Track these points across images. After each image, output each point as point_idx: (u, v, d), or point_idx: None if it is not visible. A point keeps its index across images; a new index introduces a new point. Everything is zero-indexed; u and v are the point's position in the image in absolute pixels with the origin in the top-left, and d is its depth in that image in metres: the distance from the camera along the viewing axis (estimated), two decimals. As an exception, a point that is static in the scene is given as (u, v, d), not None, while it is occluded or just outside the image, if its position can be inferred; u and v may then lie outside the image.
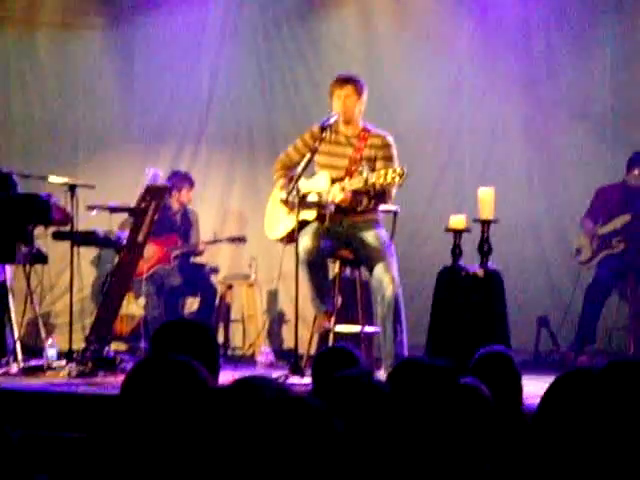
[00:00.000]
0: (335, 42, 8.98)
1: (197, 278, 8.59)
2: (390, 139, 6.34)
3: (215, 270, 8.85)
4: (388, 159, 6.26)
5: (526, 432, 2.88)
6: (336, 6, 9.04)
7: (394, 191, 6.21)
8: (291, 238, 6.26)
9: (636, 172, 7.95)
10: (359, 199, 6.17)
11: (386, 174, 5.95)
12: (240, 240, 8.56)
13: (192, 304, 8.69)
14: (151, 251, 8.10)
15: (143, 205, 6.56)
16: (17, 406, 5.25)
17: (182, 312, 8.45)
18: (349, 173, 6.24)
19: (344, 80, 6.35)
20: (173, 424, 2.26)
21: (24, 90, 9.19)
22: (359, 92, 6.33)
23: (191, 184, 8.62)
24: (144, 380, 2.34)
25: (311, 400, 1.88)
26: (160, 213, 7.22)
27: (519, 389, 3.64)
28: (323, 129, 6.24)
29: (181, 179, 8.60)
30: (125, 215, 7.43)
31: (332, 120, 6.27)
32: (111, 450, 2.27)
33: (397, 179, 5.93)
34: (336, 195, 6.13)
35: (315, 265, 6.20)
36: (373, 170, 6.09)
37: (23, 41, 9.16)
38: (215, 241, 8.71)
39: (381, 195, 6.19)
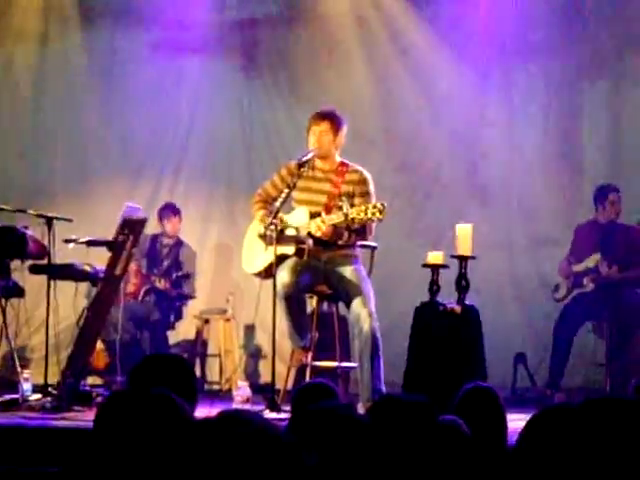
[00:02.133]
0: (317, 80, 9.04)
1: (173, 312, 8.55)
2: (367, 175, 6.36)
3: (191, 298, 8.75)
4: (366, 194, 6.28)
5: (506, 467, 2.88)
6: (315, 46, 9.10)
7: (373, 227, 6.23)
8: (269, 273, 6.26)
9: (600, 208, 8.01)
10: (340, 233, 6.18)
11: (366, 209, 5.96)
12: (186, 277, 8.49)
13: (170, 338, 8.65)
14: (129, 286, 8.08)
15: (120, 238, 6.54)
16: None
17: (160, 346, 8.41)
18: (328, 209, 6.24)
19: (321, 116, 6.36)
20: (147, 456, 2.25)
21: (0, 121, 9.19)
22: (336, 128, 6.33)
23: (174, 213, 8.63)
24: (117, 412, 2.34)
25: (284, 435, 1.87)
26: (149, 246, 7.23)
27: (504, 426, 3.64)
28: (300, 165, 6.25)
29: (167, 209, 8.62)
30: (103, 248, 7.40)
31: (309, 156, 6.28)
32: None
33: (377, 214, 5.94)
34: (317, 228, 6.12)
35: (293, 300, 6.19)
36: (352, 205, 6.10)
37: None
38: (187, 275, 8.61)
39: (361, 231, 6.21)
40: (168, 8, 9.06)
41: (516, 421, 3.80)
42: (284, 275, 6.15)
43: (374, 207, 5.97)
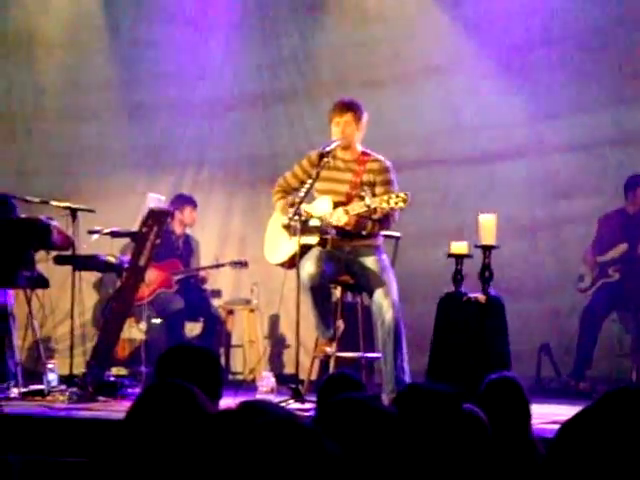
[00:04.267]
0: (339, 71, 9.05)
1: (199, 303, 8.58)
2: (388, 163, 6.34)
3: (217, 294, 8.85)
4: (387, 183, 6.26)
5: (538, 460, 2.88)
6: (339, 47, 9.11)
7: (396, 216, 6.20)
8: (293, 263, 6.25)
9: (630, 198, 7.97)
10: (363, 223, 6.16)
11: (389, 199, 5.95)
12: (242, 264, 8.54)
13: (194, 329, 8.68)
14: (153, 275, 8.09)
15: (144, 229, 6.56)
16: (17, 431, 5.23)
17: (184, 337, 8.44)
18: (349, 198, 6.23)
19: (343, 107, 6.33)
20: (175, 450, 2.25)
21: (24, 109, 9.23)
22: (358, 118, 6.32)
23: (194, 205, 8.65)
24: (149, 406, 2.34)
25: (306, 425, 1.87)
26: (163, 238, 7.22)
27: (528, 415, 3.63)
28: (322, 156, 6.24)
29: (183, 200, 8.64)
30: (127, 239, 7.43)
31: (332, 147, 6.27)
32: (114, 476, 2.26)
33: (400, 204, 5.93)
34: (340, 218, 6.11)
35: (319, 290, 6.18)
36: (373, 194, 6.09)
37: (24, 59, 9.21)
38: (217, 265, 8.71)
39: (384, 220, 6.19)
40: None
41: (540, 411, 3.80)
42: (309, 266, 6.14)
43: (397, 196, 5.96)
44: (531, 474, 3.20)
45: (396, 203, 5.93)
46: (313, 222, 6.24)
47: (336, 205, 6.22)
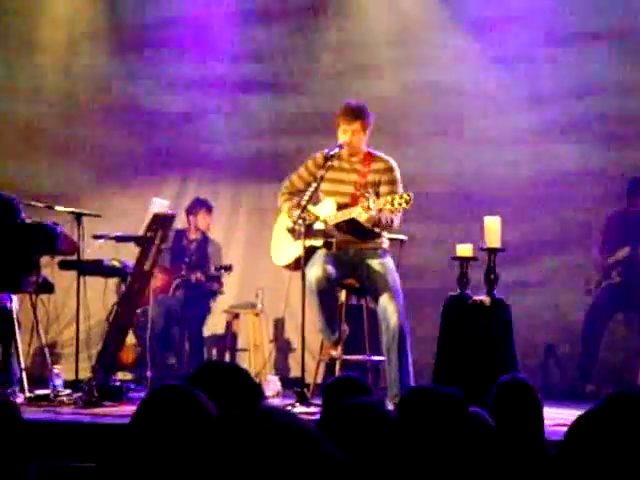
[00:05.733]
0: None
1: (203, 307, 8.56)
2: (394, 163, 6.33)
3: (221, 293, 8.78)
4: (392, 183, 6.25)
5: (550, 463, 2.87)
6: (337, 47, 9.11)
7: (399, 217, 6.17)
8: (298, 265, 6.25)
9: (632, 200, 7.97)
10: (378, 218, 6.09)
11: (393, 200, 5.95)
12: (227, 269, 8.48)
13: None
14: (156, 281, 8.09)
15: (149, 234, 6.56)
16: (23, 436, 5.22)
17: (196, 341, 8.44)
18: (355, 198, 6.23)
19: (352, 115, 6.26)
20: (180, 454, 2.25)
21: (28, 111, 9.23)
22: (366, 127, 6.30)
23: (208, 209, 8.65)
24: (154, 410, 2.34)
25: (312, 429, 1.86)
26: (174, 241, 7.23)
27: (540, 418, 3.62)
28: (327, 158, 6.23)
29: (198, 204, 8.64)
30: (132, 244, 7.42)
31: (337, 150, 6.26)
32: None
33: (404, 205, 5.92)
34: (361, 214, 6.07)
35: (326, 293, 6.17)
36: (377, 194, 6.08)
37: (26, 61, 9.22)
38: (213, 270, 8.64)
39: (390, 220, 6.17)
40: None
41: (547, 413, 3.79)
42: (315, 269, 6.14)
43: (400, 197, 5.95)
44: (543, 477, 3.19)
45: (400, 204, 5.93)
46: (318, 225, 6.24)
47: (340, 207, 6.21)
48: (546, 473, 3.17)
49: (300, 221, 6.08)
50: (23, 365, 6.62)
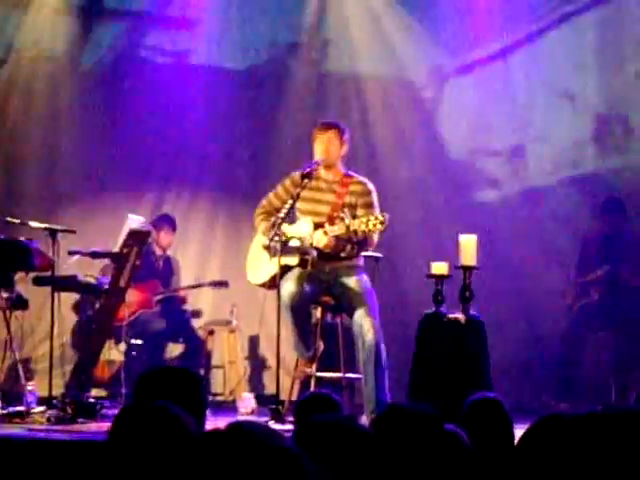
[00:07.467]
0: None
1: (180, 323, 8.57)
2: (371, 186, 6.36)
3: (198, 314, 8.83)
4: (369, 206, 6.28)
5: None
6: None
7: (375, 238, 6.23)
8: (274, 283, 6.25)
9: (608, 221, 8.02)
10: (342, 245, 6.18)
11: (368, 221, 5.97)
12: (222, 284, 8.53)
13: (174, 350, 8.66)
14: (134, 296, 8.06)
15: (125, 250, 6.54)
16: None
17: (164, 358, 8.41)
18: (330, 219, 6.24)
19: (327, 125, 6.40)
20: (159, 473, 2.24)
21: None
22: (341, 136, 6.36)
23: (171, 227, 8.63)
24: (128, 428, 2.33)
25: (292, 447, 1.87)
26: (143, 258, 7.18)
27: (511, 435, 3.64)
28: (304, 176, 6.25)
29: (162, 221, 8.62)
30: (106, 260, 7.40)
31: (314, 167, 6.28)
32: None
33: (378, 226, 5.95)
34: (320, 240, 6.13)
35: (299, 310, 6.19)
36: (354, 217, 6.11)
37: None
38: (197, 285, 8.70)
39: (363, 242, 6.20)
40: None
41: (520, 432, 3.80)
42: (290, 285, 6.15)
43: (376, 219, 5.98)
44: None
45: (374, 225, 5.95)
46: (293, 243, 6.25)
47: (317, 226, 6.23)
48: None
49: (276, 238, 6.09)
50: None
